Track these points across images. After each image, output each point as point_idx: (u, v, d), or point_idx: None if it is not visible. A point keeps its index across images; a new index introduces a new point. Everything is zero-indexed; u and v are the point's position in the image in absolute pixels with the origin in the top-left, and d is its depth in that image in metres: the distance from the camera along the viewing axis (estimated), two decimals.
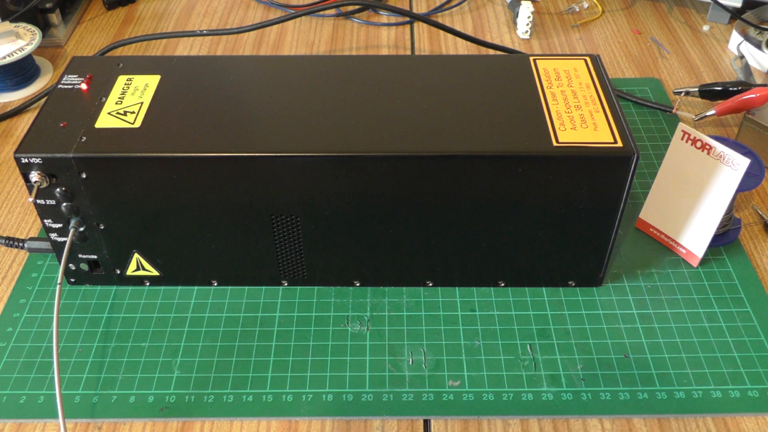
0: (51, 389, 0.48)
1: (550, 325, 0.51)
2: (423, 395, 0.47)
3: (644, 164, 0.64)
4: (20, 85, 0.76)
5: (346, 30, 0.86)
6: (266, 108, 0.49)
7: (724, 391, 0.47)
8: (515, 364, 0.49)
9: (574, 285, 0.53)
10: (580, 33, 0.85)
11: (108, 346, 0.50)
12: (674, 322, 0.51)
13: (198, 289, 0.54)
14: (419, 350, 0.50)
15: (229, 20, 0.89)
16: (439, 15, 0.89)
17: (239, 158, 0.46)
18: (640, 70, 0.78)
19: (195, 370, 0.49)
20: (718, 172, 0.50)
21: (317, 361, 0.49)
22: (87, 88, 0.51)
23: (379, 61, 0.54)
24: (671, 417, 0.46)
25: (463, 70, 0.53)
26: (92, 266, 0.53)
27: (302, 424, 0.46)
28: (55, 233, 0.50)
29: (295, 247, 0.51)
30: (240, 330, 0.51)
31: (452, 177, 0.46)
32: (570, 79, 0.51)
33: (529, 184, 0.46)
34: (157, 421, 0.46)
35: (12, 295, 0.54)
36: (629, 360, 0.49)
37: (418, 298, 0.53)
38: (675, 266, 0.55)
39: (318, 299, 0.53)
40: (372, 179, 0.46)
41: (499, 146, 0.46)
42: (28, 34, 0.75)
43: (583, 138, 0.46)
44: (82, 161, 0.46)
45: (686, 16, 0.88)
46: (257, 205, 0.48)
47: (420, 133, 0.47)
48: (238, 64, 0.54)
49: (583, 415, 0.46)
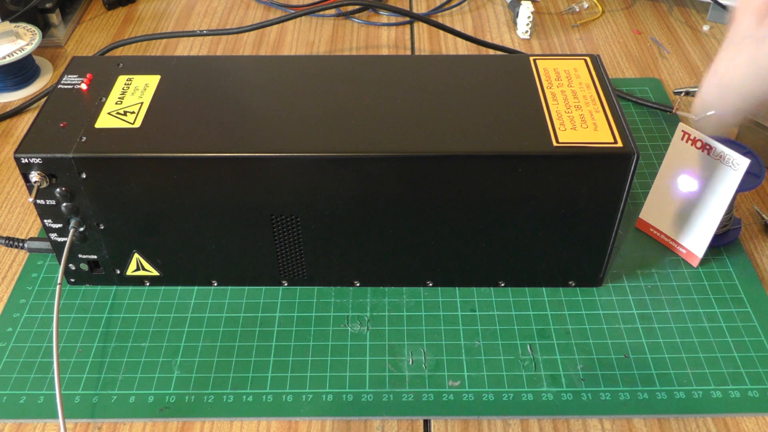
0: (51, 389, 0.48)
1: (550, 325, 0.51)
2: (423, 395, 0.47)
3: (644, 164, 0.64)
4: (20, 85, 0.76)
5: (346, 30, 0.86)
6: (266, 108, 0.49)
7: (724, 391, 0.47)
8: (515, 364, 0.49)
9: (574, 285, 0.53)
10: (580, 33, 0.85)
11: (108, 346, 0.50)
12: (674, 322, 0.51)
13: (198, 289, 0.54)
14: (419, 350, 0.50)
15: (229, 20, 0.89)
16: (439, 15, 0.89)
17: (239, 158, 0.46)
18: (640, 70, 0.78)
19: (195, 370, 0.49)
20: (718, 172, 0.50)
21: (317, 361, 0.49)
22: (87, 88, 0.51)
23: (379, 61, 0.54)
24: (671, 417, 0.46)
25: (463, 70, 0.53)
26: (92, 266, 0.53)
27: (302, 424, 0.46)
28: (55, 233, 0.50)
29: (295, 247, 0.51)
30: (240, 330, 0.51)
31: (452, 177, 0.46)
32: (570, 79, 0.51)
33: (529, 184, 0.46)
34: (157, 421, 0.46)
35: (12, 295, 0.54)
36: (629, 360, 0.49)
37: (418, 298, 0.53)
38: (675, 266, 0.55)
39: (318, 299, 0.53)
40: (372, 179, 0.46)
41: (499, 146, 0.46)
42: (28, 34, 0.75)
43: (583, 138, 0.46)
44: (82, 161, 0.46)
45: (686, 16, 0.88)
46: (257, 205, 0.48)
47: (420, 133, 0.47)
48: (238, 64, 0.54)
49: (583, 416, 0.46)
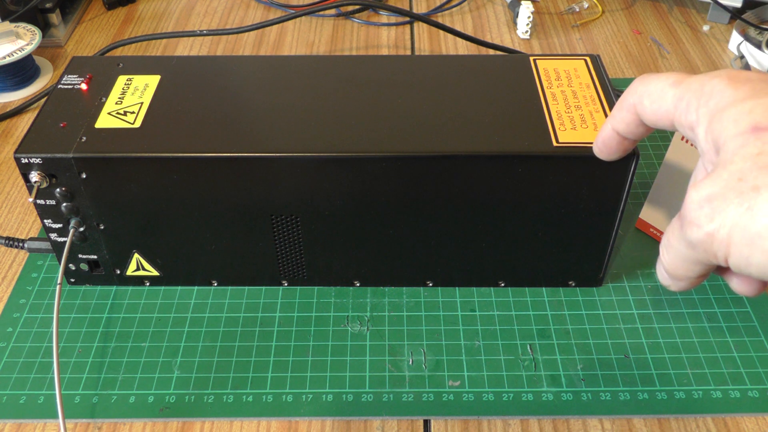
0: (51, 389, 0.48)
1: (550, 325, 0.51)
2: (423, 395, 0.47)
3: (644, 164, 0.64)
4: (20, 85, 0.76)
5: (346, 30, 0.86)
6: (266, 108, 0.49)
7: (724, 391, 0.47)
8: (515, 365, 0.49)
9: (574, 285, 0.54)
10: (580, 33, 0.85)
11: (108, 346, 0.50)
12: (674, 322, 0.51)
13: (198, 289, 0.54)
14: (419, 350, 0.50)
15: (229, 20, 0.89)
16: (439, 15, 0.89)
17: (239, 158, 0.46)
18: (640, 70, 0.78)
19: (195, 370, 0.49)
20: None
21: (317, 361, 0.49)
22: (87, 88, 0.51)
23: (379, 61, 0.54)
24: (671, 417, 0.46)
25: (463, 70, 0.53)
26: (92, 266, 0.53)
27: (302, 424, 0.46)
28: (55, 233, 0.50)
29: (295, 247, 0.51)
30: (240, 330, 0.51)
31: (452, 177, 0.46)
32: (570, 79, 0.51)
33: (529, 184, 0.46)
34: (157, 421, 0.46)
35: (12, 295, 0.54)
36: (629, 360, 0.49)
37: (418, 298, 0.53)
38: None
39: (318, 299, 0.53)
40: (372, 179, 0.46)
41: (499, 146, 0.46)
42: (28, 34, 0.75)
43: (583, 138, 0.46)
44: (82, 161, 0.46)
45: (686, 16, 0.88)
46: (257, 205, 0.48)
47: (420, 133, 0.47)
48: (238, 64, 0.54)
49: (583, 416, 0.46)
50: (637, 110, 0.34)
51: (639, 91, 0.33)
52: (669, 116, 0.32)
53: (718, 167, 0.28)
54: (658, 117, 0.33)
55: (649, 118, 0.33)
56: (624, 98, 0.35)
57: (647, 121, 0.34)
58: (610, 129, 0.37)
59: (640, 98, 0.33)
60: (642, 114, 0.34)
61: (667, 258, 0.31)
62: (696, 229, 0.28)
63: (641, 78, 0.34)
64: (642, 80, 0.34)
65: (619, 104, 0.35)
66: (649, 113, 0.33)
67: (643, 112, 0.34)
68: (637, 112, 0.34)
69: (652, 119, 0.33)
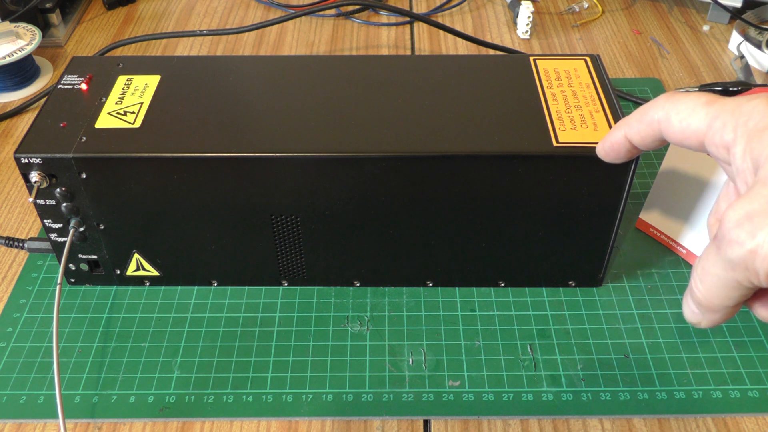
0: (51, 389, 0.48)
1: (550, 326, 0.51)
2: (423, 395, 0.47)
3: (644, 164, 0.64)
4: (20, 85, 0.76)
5: (346, 30, 0.86)
6: (266, 108, 0.49)
7: (724, 391, 0.47)
8: (515, 365, 0.49)
9: (574, 285, 0.54)
10: (580, 33, 0.85)
11: (108, 346, 0.50)
12: (674, 322, 0.51)
13: (198, 289, 0.54)
14: (419, 350, 0.50)
15: (229, 20, 0.89)
16: (439, 15, 0.89)
17: (239, 158, 0.46)
18: (640, 70, 0.78)
19: (195, 370, 0.49)
20: (719, 172, 0.50)
21: (317, 361, 0.49)
22: (87, 88, 0.51)
23: (379, 61, 0.54)
24: (671, 417, 0.46)
25: (463, 70, 0.53)
26: (92, 266, 0.53)
27: (302, 424, 0.46)
28: (55, 233, 0.50)
29: (295, 247, 0.51)
30: (240, 330, 0.51)
31: (452, 177, 0.46)
32: (570, 79, 0.51)
33: (529, 184, 0.46)
34: (157, 421, 0.46)
35: (12, 295, 0.54)
36: (629, 360, 0.49)
37: (418, 298, 0.53)
38: (675, 266, 0.55)
39: (318, 299, 0.53)
40: (372, 179, 0.46)
41: (499, 146, 0.46)
42: (28, 34, 0.75)
43: (583, 138, 0.46)
44: (82, 161, 0.46)
45: (686, 16, 0.88)
46: (257, 205, 0.48)
47: (420, 133, 0.47)
48: (238, 64, 0.54)
49: (583, 416, 0.46)
50: (662, 127, 0.33)
51: (666, 107, 0.33)
52: (699, 135, 0.31)
53: (757, 184, 0.28)
54: (686, 136, 0.32)
55: (675, 137, 0.33)
56: (646, 112, 0.34)
57: (671, 138, 0.33)
58: (622, 136, 0.36)
59: (667, 115, 0.33)
60: (667, 130, 0.33)
61: (702, 288, 0.30)
62: (737, 248, 0.27)
63: (669, 95, 0.33)
64: (670, 97, 0.33)
65: (639, 116, 0.34)
66: (676, 131, 0.32)
67: (669, 129, 0.33)
68: (661, 129, 0.33)
69: (679, 138, 0.32)
